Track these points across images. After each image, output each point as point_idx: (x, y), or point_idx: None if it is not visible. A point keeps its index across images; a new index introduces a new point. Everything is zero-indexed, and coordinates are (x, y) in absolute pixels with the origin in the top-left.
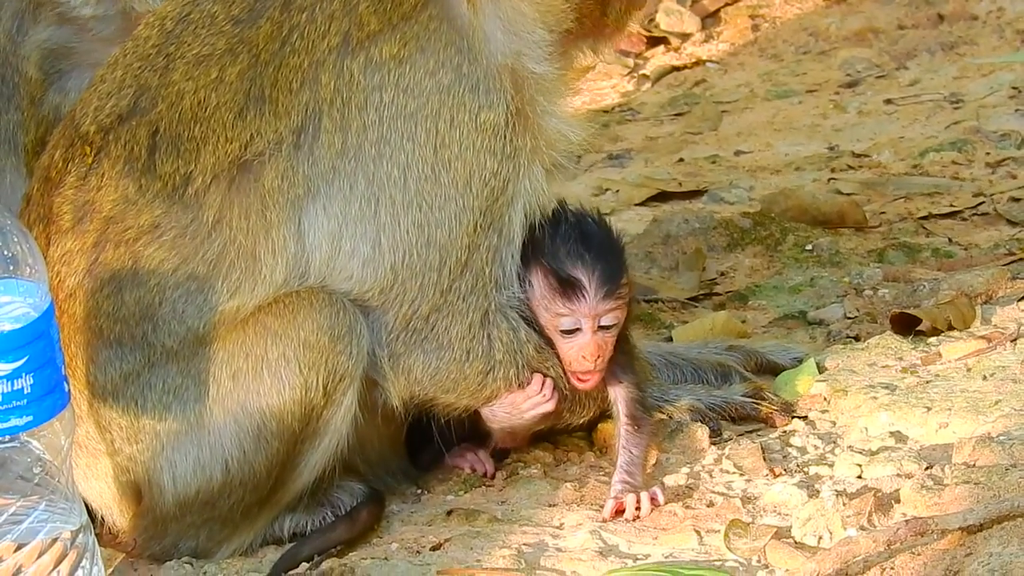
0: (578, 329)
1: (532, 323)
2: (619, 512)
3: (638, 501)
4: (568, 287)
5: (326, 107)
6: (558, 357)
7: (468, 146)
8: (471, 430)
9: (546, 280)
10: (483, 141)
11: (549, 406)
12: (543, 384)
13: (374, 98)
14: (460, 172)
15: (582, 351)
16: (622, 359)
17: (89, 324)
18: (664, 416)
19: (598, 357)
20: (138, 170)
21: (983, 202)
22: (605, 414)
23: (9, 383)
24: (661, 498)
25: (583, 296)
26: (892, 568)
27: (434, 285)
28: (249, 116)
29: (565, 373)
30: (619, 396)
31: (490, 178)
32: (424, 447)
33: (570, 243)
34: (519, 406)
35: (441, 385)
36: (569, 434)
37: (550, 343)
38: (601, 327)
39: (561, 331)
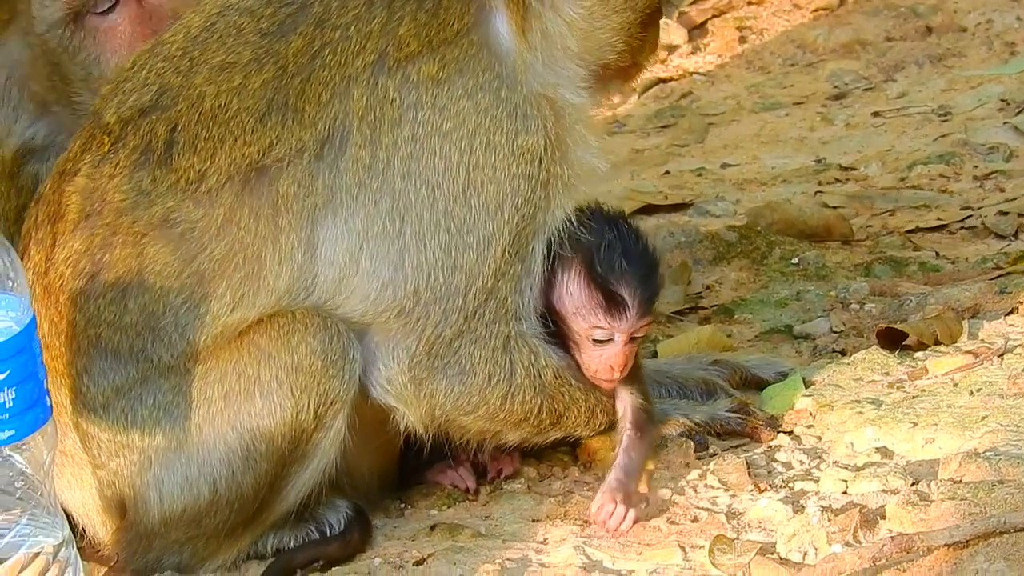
0: (610, 340)
1: (550, 348)
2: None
3: (624, 513)
4: (612, 304)
5: (356, 121)
6: (579, 368)
7: (503, 169)
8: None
9: (589, 291)
10: (519, 165)
11: None
12: None
13: (408, 115)
14: (492, 195)
15: (610, 360)
16: (633, 370)
17: (87, 332)
18: None
19: (624, 366)
20: (154, 162)
21: (970, 216)
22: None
23: None
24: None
25: (625, 314)
26: None
27: (458, 310)
28: (270, 122)
29: (583, 382)
30: (627, 404)
31: (522, 204)
32: (402, 462)
33: (615, 257)
34: None
35: (461, 408)
36: (553, 449)
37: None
38: (632, 339)
39: (593, 340)
